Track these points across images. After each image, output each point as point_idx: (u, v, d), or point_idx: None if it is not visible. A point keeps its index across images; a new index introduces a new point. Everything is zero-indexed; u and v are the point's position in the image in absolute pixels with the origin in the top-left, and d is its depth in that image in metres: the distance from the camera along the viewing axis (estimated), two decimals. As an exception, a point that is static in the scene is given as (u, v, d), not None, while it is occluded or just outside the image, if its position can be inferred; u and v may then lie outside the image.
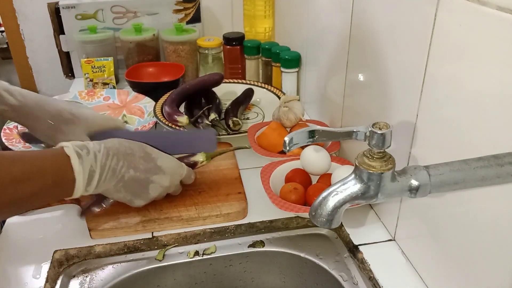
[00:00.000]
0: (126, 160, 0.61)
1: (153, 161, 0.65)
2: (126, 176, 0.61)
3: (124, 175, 0.61)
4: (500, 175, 0.37)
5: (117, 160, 0.60)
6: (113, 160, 0.60)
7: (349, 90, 0.77)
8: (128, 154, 0.62)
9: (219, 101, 1.02)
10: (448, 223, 0.52)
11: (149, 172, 0.64)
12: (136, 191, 0.64)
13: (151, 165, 0.65)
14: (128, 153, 0.62)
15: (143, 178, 0.64)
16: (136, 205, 0.66)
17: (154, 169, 0.65)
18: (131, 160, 0.62)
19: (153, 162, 0.65)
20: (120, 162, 0.61)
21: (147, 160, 0.64)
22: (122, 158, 0.61)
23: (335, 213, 0.38)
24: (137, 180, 0.63)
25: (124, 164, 0.61)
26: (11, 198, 0.49)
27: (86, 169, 0.56)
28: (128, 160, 0.62)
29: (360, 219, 0.70)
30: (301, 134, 0.44)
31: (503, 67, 0.41)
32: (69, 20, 1.23)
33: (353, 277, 0.62)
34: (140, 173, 0.63)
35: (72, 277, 0.63)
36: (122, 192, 0.63)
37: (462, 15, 0.45)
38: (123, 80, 1.23)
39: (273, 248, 0.68)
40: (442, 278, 0.55)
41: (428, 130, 0.54)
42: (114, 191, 0.62)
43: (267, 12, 1.20)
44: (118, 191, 0.62)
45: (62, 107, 0.73)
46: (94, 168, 0.57)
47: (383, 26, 0.62)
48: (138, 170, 0.63)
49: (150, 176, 0.64)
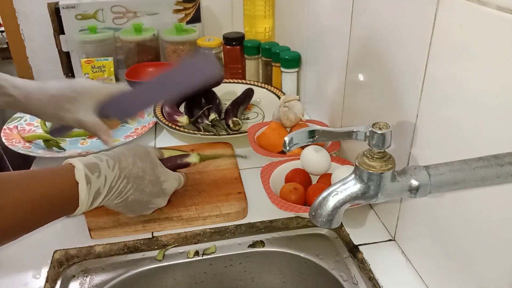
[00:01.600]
0: (135, 183, 0.61)
1: (160, 185, 0.65)
2: (131, 198, 0.61)
3: (129, 196, 0.61)
4: (500, 175, 0.37)
5: (127, 183, 0.60)
6: (122, 183, 0.59)
7: (349, 90, 0.77)
8: (138, 177, 0.61)
9: (219, 101, 1.02)
10: (448, 223, 0.52)
11: (153, 196, 0.64)
12: (133, 210, 0.64)
13: (157, 189, 0.64)
14: (139, 176, 0.61)
15: (146, 200, 0.63)
16: (126, 215, 0.66)
17: (158, 193, 0.65)
18: (139, 184, 0.61)
19: (159, 186, 0.65)
20: (128, 185, 0.60)
21: (154, 184, 0.64)
22: (131, 181, 0.60)
23: (335, 213, 0.38)
24: (139, 201, 0.62)
25: (132, 187, 0.60)
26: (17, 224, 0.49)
27: (92, 193, 0.56)
28: (137, 183, 0.61)
29: (360, 219, 0.70)
30: (301, 134, 0.44)
31: (503, 67, 0.41)
32: (69, 20, 1.23)
33: (353, 277, 0.62)
34: (145, 196, 0.63)
35: (72, 277, 0.63)
36: (121, 209, 0.62)
37: (462, 15, 0.45)
38: (123, 80, 1.22)
39: (273, 248, 0.68)
40: (442, 278, 0.55)
41: (428, 130, 0.54)
42: (113, 206, 0.62)
43: (267, 12, 1.20)
44: (116, 207, 0.62)
45: (63, 86, 0.72)
46: (101, 191, 0.57)
47: (383, 26, 0.62)
48: (143, 193, 0.62)
49: (152, 199, 0.64)
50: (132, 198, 0.61)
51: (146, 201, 0.64)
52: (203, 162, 0.82)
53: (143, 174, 0.62)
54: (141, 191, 0.62)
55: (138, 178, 0.61)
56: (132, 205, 0.62)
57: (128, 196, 0.60)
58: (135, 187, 0.61)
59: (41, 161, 0.88)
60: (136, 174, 0.61)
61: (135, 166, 0.61)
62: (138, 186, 0.61)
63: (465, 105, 0.46)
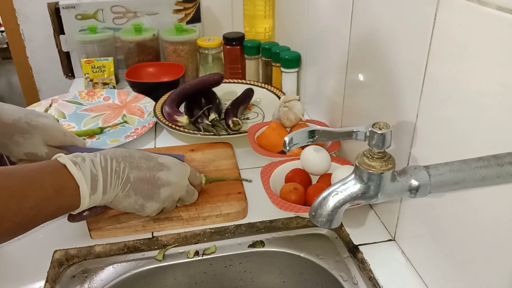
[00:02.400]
0: (126, 162, 0.60)
1: (154, 159, 0.64)
2: (132, 176, 0.59)
3: (129, 175, 0.59)
4: (500, 175, 0.37)
5: (117, 162, 0.58)
6: (113, 163, 0.58)
7: (349, 90, 0.77)
8: (126, 156, 0.60)
9: (219, 101, 1.02)
10: (448, 223, 0.52)
11: (153, 170, 0.62)
12: (146, 192, 0.61)
13: (153, 163, 0.63)
14: (126, 155, 0.60)
15: (149, 176, 0.61)
16: (149, 211, 0.63)
17: (157, 166, 0.63)
18: (132, 161, 0.60)
19: (154, 160, 0.63)
20: (121, 164, 0.59)
21: (147, 159, 0.63)
22: (121, 160, 0.59)
23: (335, 213, 0.38)
24: (143, 179, 0.61)
25: (126, 165, 0.59)
26: (14, 213, 0.48)
27: (87, 174, 0.54)
28: (128, 161, 0.60)
29: (360, 219, 0.70)
30: (301, 134, 0.45)
31: (503, 67, 0.41)
32: (69, 20, 1.23)
33: (353, 277, 0.62)
34: (145, 171, 0.61)
35: (72, 277, 0.63)
36: (133, 196, 0.60)
37: (462, 15, 0.45)
38: (123, 80, 1.23)
39: (273, 248, 0.68)
40: (442, 278, 0.55)
41: (428, 130, 0.54)
42: (124, 196, 0.59)
43: (267, 12, 1.20)
44: (128, 196, 0.59)
45: (19, 116, 0.70)
46: (95, 172, 0.55)
47: (383, 26, 0.62)
48: (141, 169, 0.61)
49: (155, 173, 0.62)
50: (133, 176, 0.59)
51: (150, 177, 0.61)
52: (204, 163, 0.82)
53: (128, 153, 0.61)
54: (138, 168, 0.60)
55: (126, 157, 0.60)
56: (141, 187, 0.60)
57: (128, 176, 0.59)
58: (129, 164, 0.60)
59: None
60: (121, 154, 0.60)
61: (117, 150, 0.61)
62: (131, 163, 0.60)
63: (465, 105, 0.46)
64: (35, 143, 0.70)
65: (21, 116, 0.70)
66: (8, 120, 0.68)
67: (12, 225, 0.49)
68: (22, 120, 0.70)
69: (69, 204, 0.55)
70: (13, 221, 0.48)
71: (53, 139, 0.72)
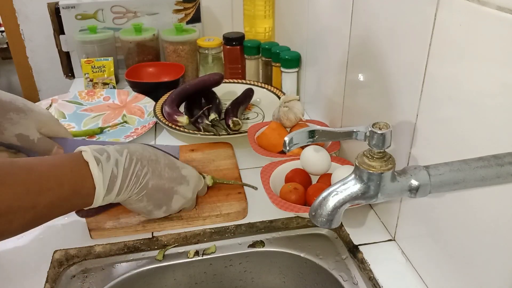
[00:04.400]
0: (150, 167, 0.58)
1: (178, 170, 0.62)
2: (150, 183, 0.58)
3: (148, 182, 0.58)
4: (500, 175, 0.37)
5: (141, 166, 0.57)
6: (137, 166, 0.56)
7: (349, 90, 0.77)
8: (152, 161, 0.59)
9: (219, 101, 1.02)
10: (448, 223, 0.52)
11: (174, 182, 0.61)
12: (159, 201, 0.61)
13: (176, 174, 0.62)
14: (153, 159, 0.59)
15: (168, 187, 0.60)
16: (154, 217, 0.64)
17: (179, 178, 0.62)
18: (156, 167, 0.59)
19: (178, 171, 0.62)
20: (144, 168, 0.57)
21: (172, 168, 0.61)
22: (146, 164, 0.57)
23: (335, 213, 0.38)
24: (161, 189, 0.60)
25: (149, 171, 0.58)
26: (28, 210, 0.47)
27: (106, 175, 0.53)
28: (153, 167, 0.58)
29: (360, 219, 0.70)
30: (301, 134, 0.45)
31: (503, 67, 0.41)
32: (69, 20, 1.23)
33: (353, 277, 0.62)
34: (165, 181, 0.60)
35: (72, 277, 0.63)
36: (144, 201, 0.59)
37: (462, 15, 0.45)
38: (123, 80, 1.23)
39: (273, 248, 0.68)
40: (442, 278, 0.55)
41: (428, 130, 0.54)
42: (136, 200, 0.58)
43: (267, 12, 1.20)
44: (140, 200, 0.59)
45: (16, 97, 0.69)
46: (116, 173, 0.54)
47: (383, 26, 0.62)
48: (163, 178, 0.60)
49: (175, 186, 0.61)
50: (152, 184, 0.58)
51: (168, 189, 0.60)
52: (204, 163, 0.82)
53: (156, 158, 0.60)
54: (160, 176, 0.59)
55: (152, 162, 0.59)
56: (155, 196, 0.59)
57: (147, 182, 0.58)
58: (152, 170, 0.58)
59: (41, 161, 0.88)
60: (148, 157, 0.58)
61: (145, 150, 0.59)
62: (155, 169, 0.58)
63: (465, 105, 0.46)
64: (28, 126, 0.68)
65: (18, 98, 0.69)
66: (6, 98, 0.67)
67: (24, 222, 0.48)
68: (19, 101, 0.69)
69: (83, 203, 0.54)
70: (25, 217, 0.47)
71: (47, 127, 0.71)
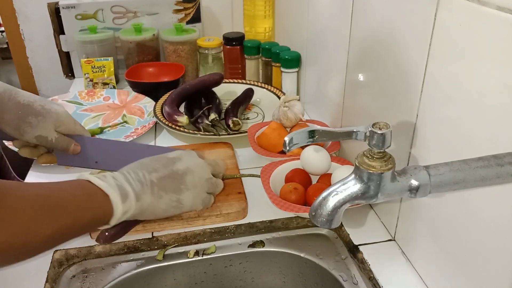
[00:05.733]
0: (141, 169, 0.61)
1: (163, 157, 0.65)
2: (154, 179, 0.61)
3: (151, 179, 0.61)
4: (500, 175, 0.37)
5: (134, 173, 0.60)
6: (131, 174, 0.60)
7: (349, 90, 0.77)
8: (138, 166, 0.62)
9: (219, 101, 1.02)
10: (448, 223, 0.52)
11: (168, 165, 0.64)
12: (174, 186, 0.63)
13: (164, 160, 0.65)
14: (137, 165, 0.62)
15: (168, 172, 0.63)
16: (188, 203, 0.64)
17: (169, 161, 0.65)
18: (145, 167, 0.62)
19: (164, 158, 0.65)
20: (138, 173, 0.60)
21: (157, 159, 0.65)
22: (137, 170, 0.61)
23: (335, 213, 0.38)
24: (165, 177, 0.62)
25: (143, 172, 0.61)
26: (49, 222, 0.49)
27: (111, 183, 0.56)
28: (143, 169, 0.62)
29: (360, 219, 0.70)
30: (301, 134, 0.45)
31: (503, 67, 0.41)
32: (69, 20, 1.23)
33: (353, 277, 0.62)
34: (162, 170, 0.63)
35: (72, 277, 0.63)
36: (164, 195, 0.61)
37: (462, 15, 0.45)
38: (123, 80, 1.23)
39: (273, 248, 0.68)
40: (442, 278, 0.55)
41: (428, 130, 0.54)
42: (157, 198, 0.61)
43: (267, 12, 1.20)
44: (160, 197, 0.61)
45: (34, 99, 0.71)
46: (120, 183, 0.57)
47: (383, 26, 0.62)
48: (158, 170, 0.62)
49: (172, 167, 0.64)
50: (155, 178, 0.61)
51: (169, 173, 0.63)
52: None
53: (139, 163, 0.63)
54: (154, 169, 0.62)
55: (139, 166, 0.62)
56: (167, 185, 0.62)
57: (151, 180, 0.60)
58: (145, 170, 0.61)
59: (41, 161, 0.88)
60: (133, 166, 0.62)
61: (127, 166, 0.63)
62: (147, 168, 0.62)
63: (465, 105, 0.46)
64: (47, 127, 0.71)
65: (36, 100, 0.72)
66: (24, 101, 0.70)
67: (47, 235, 0.49)
68: (37, 103, 0.71)
69: (103, 212, 0.55)
70: (48, 230, 0.49)
71: (64, 126, 0.74)
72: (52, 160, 0.78)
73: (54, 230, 0.49)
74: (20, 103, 0.69)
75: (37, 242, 0.48)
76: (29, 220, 0.47)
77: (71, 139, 0.75)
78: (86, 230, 0.56)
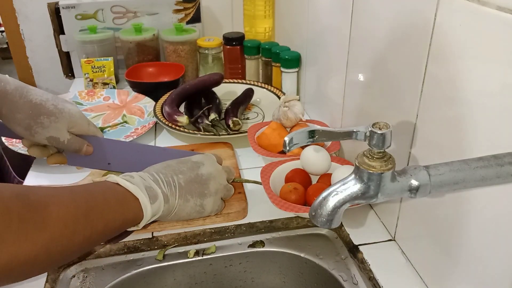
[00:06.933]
0: (169, 171, 0.63)
1: (188, 160, 0.67)
2: (182, 181, 0.62)
3: (180, 182, 0.62)
4: (500, 175, 0.37)
5: (163, 174, 0.61)
6: (160, 175, 0.61)
7: (349, 90, 0.77)
8: (165, 167, 0.63)
9: (219, 101, 1.02)
10: (448, 223, 0.52)
11: (194, 169, 0.65)
12: (199, 191, 0.64)
13: (190, 163, 0.66)
14: (164, 166, 0.64)
15: (194, 176, 0.64)
16: (209, 208, 0.66)
17: (194, 165, 0.66)
18: (173, 169, 0.63)
19: (189, 161, 0.66)
20: (167, 174, 0.62)
21: (183, 162, 0.66)
22: (164, 171, 0.62)
23: (335, 213, 0.38)
24: (191, 180, 0.64)
25: (172, 174, 0.62)
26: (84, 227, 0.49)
27: (140, 186, 0.57)
28: (170, 170, 0.63)
29: (360, 219, 0.70)
30: (301, 134, 0.44)
31: (503, 67, 0.41)
32: (69, 20, 1.23)
33: (353, 277, 0.62)
34: (189, 173, 0.64)
35: (72, 277, 0.63)
36: (190, 199, 0.63)
37: (462, 15, 0.45)
38: (123, 80, 1.23)
39: (273, 248, 0.68)
40: (442, 278, 0.55)
41: (428, 130, 0.54)
42: (184, 202, 0.62)
43: (267, 12, 1.20)
44: (187, 200, 0.63)
45: (46, 98, 0.67)
46: (149, 184, 0.58)
47: (383, 26, 0.62)
48: (185, 173, 0.64)
49: (197, 171, 0.65)
50: (183, 181, 0.63)
51: (195, 176, 0.64)
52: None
53: (166, 164, 0.65)
54: (181, 172, 0.64)
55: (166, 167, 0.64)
56: (193, 189, 0.63)
57: (179, 182, 0.62)
58: (173, 172, 0.63)
59: (41, 161, 0.87)
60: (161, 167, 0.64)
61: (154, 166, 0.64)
62: (174, 171, 0.63)
63: (465, 105, 0.46)
64: (59, 128, 0.67)
65: (48, 98, 0.68)
66: (36, 100, 0.66)
67: (83, 239, 0.49)
68: (50, 102, 0.67)
69: (134, 214, 0.56)
70: (84, 235, 0.49)
71: (77, 126, 0.70)
72: (62, 160, 0.74)
73: (88, 236, 0.49)
74: (32, 102, 0.65)
75: (71, 248, 0.48)
76: (65, 227, 0.47)
77: (84, 140, 0.72)
78: (115, 233, 0.56)
